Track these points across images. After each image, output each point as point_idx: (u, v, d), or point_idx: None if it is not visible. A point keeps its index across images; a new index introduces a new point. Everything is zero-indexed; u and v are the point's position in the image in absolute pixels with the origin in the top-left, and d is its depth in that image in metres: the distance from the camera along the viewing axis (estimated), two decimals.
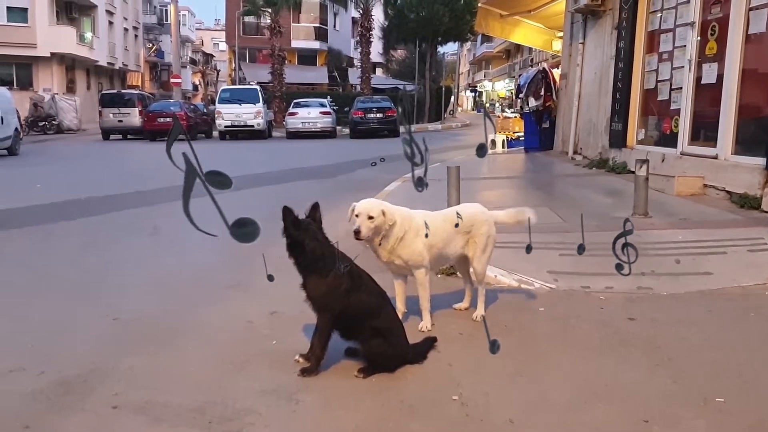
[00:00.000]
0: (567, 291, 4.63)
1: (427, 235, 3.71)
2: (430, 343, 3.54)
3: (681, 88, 8.64)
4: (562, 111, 13.46)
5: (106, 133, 26.96)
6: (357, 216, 3.54)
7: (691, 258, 5.18)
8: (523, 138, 15.84)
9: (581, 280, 4.76)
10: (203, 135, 27.16)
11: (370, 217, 3.53)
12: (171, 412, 2.87)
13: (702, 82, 8.21)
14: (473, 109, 71.82)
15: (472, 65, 78.97)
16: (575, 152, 12.48)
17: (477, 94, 76.89)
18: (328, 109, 26.84)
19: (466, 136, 27.29)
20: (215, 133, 26.81)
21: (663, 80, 9.28)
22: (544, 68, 14.69)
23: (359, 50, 38.65)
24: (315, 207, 3.30)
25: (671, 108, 8.97)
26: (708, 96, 8.10)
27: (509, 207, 4.27)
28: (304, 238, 3.15)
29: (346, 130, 27.36)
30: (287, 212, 3.14)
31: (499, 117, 21.13)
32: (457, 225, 3.87)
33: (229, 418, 2.81)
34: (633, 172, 9.28)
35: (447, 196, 6.50)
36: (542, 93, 14.08)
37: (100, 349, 3.65)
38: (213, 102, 36.53)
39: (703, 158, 7.86)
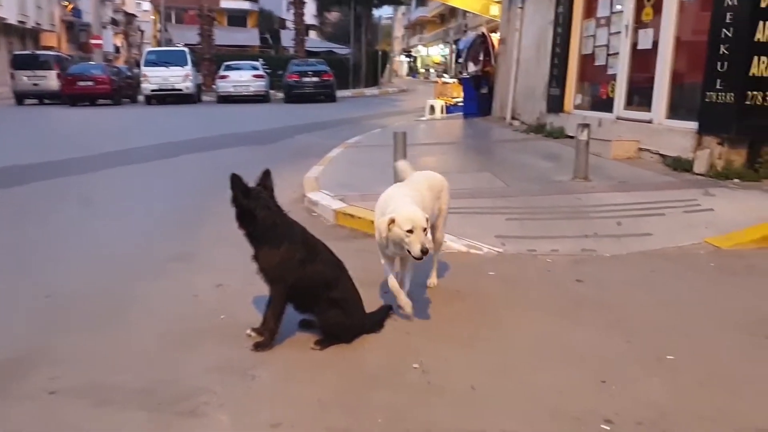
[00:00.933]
0: (515, 254, 4.65)
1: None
2: (385, 311, 3.47)
3: (617, 53, 8.79)
4: (501, 76, 13.52)
5: (20, 98, 25.27)
6: (411, 232, 3.13)
7: (632, 220, 5.30)
8: (461, 104, 15.86)
9: (527, 243, 4.80)
10: (128, 100, 25.93)
11: (425, 229, 3.20)
12: (116, 394, 2.70)
13: (638, 48, 8.37)
14: (408, 75, 71.60)
15: (407, 30, 78.49)
16: (513, 117, 12.60)
17: (412, 60, 76.64)
18: (260, 72, 26.04)
19: (403, 101, 27.19)
20: (140, 98, 25.65)
21: (600, 46, 9.41)
22: (483, 33, 14.66)
23: (292, 11, 37.57)
24: (266, 174, 3.14)
25: (608, 73, 9.12)
26: (643, 61, 8.26)
27: (452, 172, 4.21)
28: (255, 207, 3.00)
29: (280, 95, 26.75)
30: (236, 180, 2.97)
31: (437, 82, 21.10)
32: None
33: (181, 397, 2.66)
34: (570, 137, 9.46)
35: (393, 162, 6.43)
36: (481, 58, 14.07)
37: (33, 329, 3.41)
38: (138, 65, 34.86)
39: (639, 122, 8.06)
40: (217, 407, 2.59)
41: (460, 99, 16.34)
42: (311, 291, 3.12)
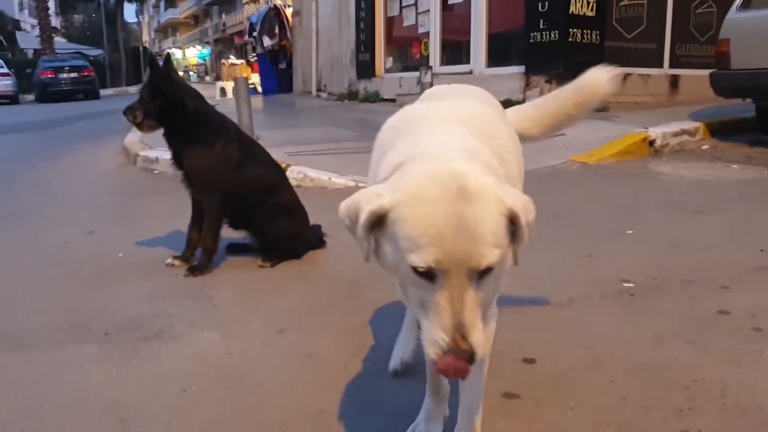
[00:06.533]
0: None
1: None
2: (319, 228, 2.95)
3: (428, 11, 8.93)
4: (299, 49, 13.16)
5: None
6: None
7: None
8: (252, 85, 15.18)
9: None
10: None
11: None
12: (37, 336, 1.93)
13: (448, 2, 8.58)
14: None
15: (158, 33, 73.81)
16: (319, 90, 12.33)
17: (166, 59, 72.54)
18: (6, 71, 22.27)
19: None
20: None
21: (408, 5, 9.49)
22: (275, 5, 14.12)
23: (27, 11, 33.12)
24: (168, 60, 2.42)
25: (419, 32, 9.24)
26: (456, 15, 8.48)
27: (295, 127, 3.77)
28: (184, 95, 2.32)
29: (30, 96, 23.33)
30: (157, 61, 2.27)
31: (224, 64, 19.87)
32: None
33: (131, 326, 1.96)
34: (387, 100, 9.49)
35: (237, 110, 5.84)
36: (276, 32, 13.55)
37: None
38: None
39: (459, 75, 8.26)
40: (189, 327, 1.94)
41: (251, 81, 15.62)
42: (252, 199, 2.50)
